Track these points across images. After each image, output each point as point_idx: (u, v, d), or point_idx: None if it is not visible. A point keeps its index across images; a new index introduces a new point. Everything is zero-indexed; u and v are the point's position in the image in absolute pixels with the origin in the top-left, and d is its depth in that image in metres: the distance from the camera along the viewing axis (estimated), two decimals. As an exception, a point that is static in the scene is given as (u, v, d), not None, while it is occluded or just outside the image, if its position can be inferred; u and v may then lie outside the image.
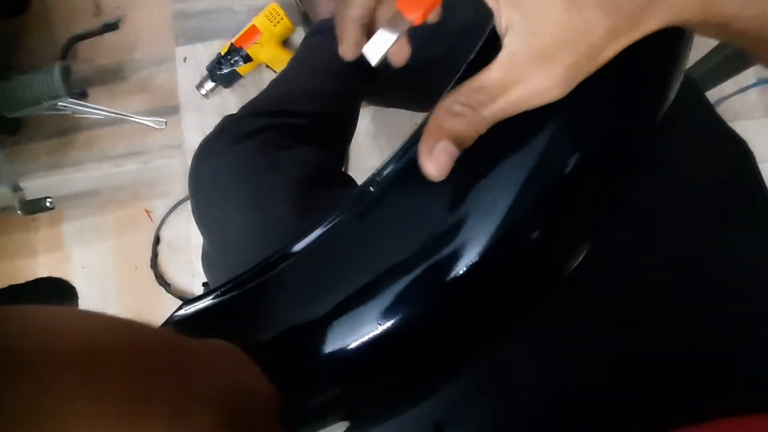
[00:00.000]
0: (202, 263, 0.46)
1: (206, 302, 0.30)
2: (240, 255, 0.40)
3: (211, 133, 0.47)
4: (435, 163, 0.22)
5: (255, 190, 0.40)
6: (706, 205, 0.33)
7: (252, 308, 0.30)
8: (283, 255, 0.30)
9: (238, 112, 0.50)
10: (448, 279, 0.27)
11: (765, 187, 0.35)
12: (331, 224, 0.30)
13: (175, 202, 1.03)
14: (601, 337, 0.31)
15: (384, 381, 0.30)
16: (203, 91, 1.03)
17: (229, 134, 0.44)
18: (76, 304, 1.01)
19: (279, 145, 0.42)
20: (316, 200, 0.38)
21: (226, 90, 1.05)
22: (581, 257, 0.29)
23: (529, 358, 0.31)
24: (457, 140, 0.22)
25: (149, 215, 1.04)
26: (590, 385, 0.30)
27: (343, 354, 0.27)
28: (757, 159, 0.36)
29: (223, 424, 0.18)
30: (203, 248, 0.46)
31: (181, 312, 0.30)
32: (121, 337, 0.17)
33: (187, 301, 0.30)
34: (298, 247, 0.30)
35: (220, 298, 0.30)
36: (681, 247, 0.32)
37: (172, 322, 0.29)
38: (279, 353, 0.28)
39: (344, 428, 0.30)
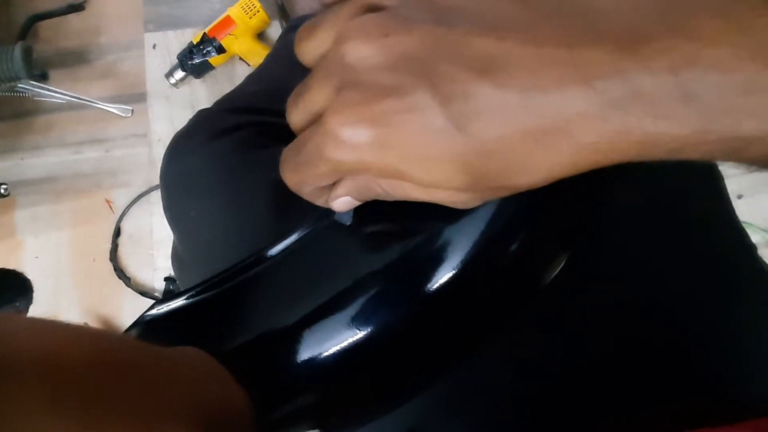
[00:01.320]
0: (172, 262, 0.45)
1: (179, 302, 0.29)
2: (214, 256, 0.39)
3: (184, 127, 0.46)
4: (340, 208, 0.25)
5: (232, 190, 0.39)
6: (676, 218, 0.34)
7: (225, 311, 0.29)
8: (258, 258, 0.30)
9: (212, 107, 0.49)
10: (424, 290, 0.27)
11: (729, 202, 0.36)
12: (309, 229, 0.29)
13: (138, 193, 1.00)
14: (576, 347, 0.31)
15: (357, 390, 0.30)
16: (172, 81, 1.00)
17: (204, 130, 0.43)
18: (32, 298, 0.96)
19: (256, 144, 0.41)
20: (295, 203, 0.37)
21: (197, 80, 1.02)
22: (558, 268, 0.29)
23: (505, 367, 0.32)
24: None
25: (110, 206, 1.00)
26: (566, 395, 0.30)
27: (316, 362, 0.27)
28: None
29: None
30: (173, 246, 0.45)
31: (153, 311, 0.29)
32: (86, 349, 0.16)
33: (160, 300, 0.30)
34: (274, 251, 0.30)
35: (194, 299, 0.29)
36: (652, 258, 0.33)
37: (143, 322, 0.28)
38: (250, 359, 0.28)
39: None
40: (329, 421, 0.30)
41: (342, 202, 0.24)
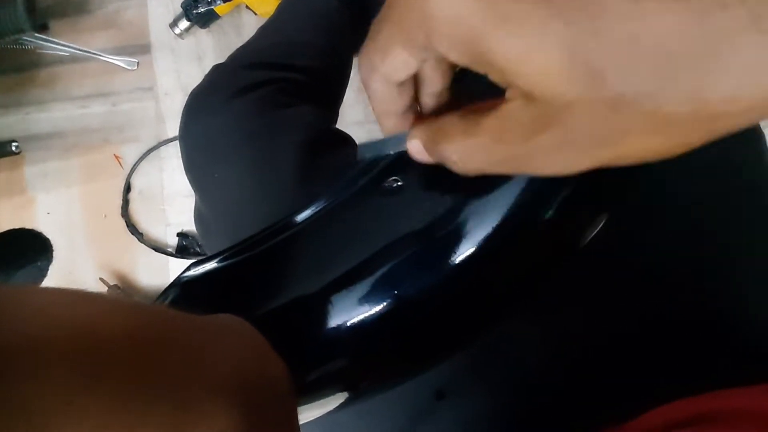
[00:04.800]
0: (195, 222, 0.45)
1: (213, 264, 0.29)
2: (241, 219, 0.38)
3: (201, 84, 0.44)
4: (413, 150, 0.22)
5: (257, 151, 0.38)
6: (717, 183, 0.33)
7: (257, 275, 0.29)
8: (287, 224, 0.29)
9: (228, 62, 0.47)
10: (455, 256, 0.27)
11: None
12: (337, 194, 0.29)
13: (147, 148, 0.99)
14: (609, 316, 0.31)
15: (388, 355, 0.30)
16: (177, 31, 0.96)
17: (222, 88, 0.42)
18: (52, 257, 0.97)
19: (278, 102, 0.40)
20: (320, 164, 0.37)
21: (202, 30, 0.99)
22: (596, 231, 0.29)
23: (535, 334, 0.32)
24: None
25: (119, 161, 0.99)
26: (597, 364, 0.30)
27: (347, 326, 0.27)
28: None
29: (235, 409, 0.17)
30: (196, 207, 0.45)
31: (190, 273, 0.29)
32: (123, 323, 0.16)
33: (196, 261, 0.29)
34: (303, 216, 0.29)
35: (226, 262, 0.29)
36: (691, 222, 0.32)
37: (180, 283, 0.28)
38: (282, 324, 0.28)
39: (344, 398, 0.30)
40: (359, 385, 0.30)
41: (414, 146, 0.22)
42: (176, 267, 0.98)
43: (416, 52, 0.17)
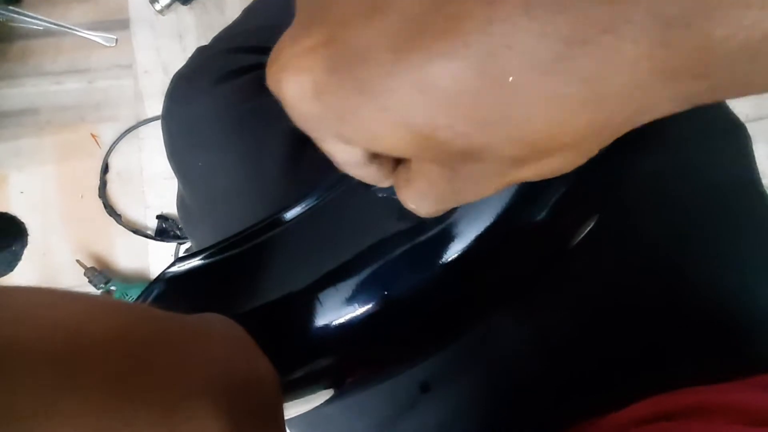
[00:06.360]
0: (178, 210, 0.44)
1: (198, 261, 0.29)
2: (225, 210, 0.37)
3: (185, 67, 0.43)
4: None
5: (242, 141, 0.37)
6: (702, 182, 0.33)
7: (243, 272, 0.29)
8: (275, 221, 0.29)
9: (213, 45, 0.46)
10: (443, 255, 0.27)
11: (755, 165, 0.36)
12: (326, 193, 0.29)
13: (126, 127, 0.96)
14: (594, 313, 0.32)
15: (375, 353, 0.30)
16: (158, 7, 0.94)
17: (208, 71, 0.40)
18: (27, 241, 0.94)
19: (265, 88, 0.39)
20: (310, 153, 0.36)
21: (184, 7, 0.96)
22: (586, 230, 0.29)
23: (519, 330, 0.32)
24: None
25: (96, 140, 0.97)
26: (574, 360, 0.31)
27: (333, 324, 0.27)
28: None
29: (223, 410, 0.16)
30: (178, 193, 0.43)
31: (174, 268, 0.28)
32: (105, 324, 0.15)
33: (181, 257, 0.29)
34: (291, 214, 0.29)
35: (212, 259, 0.29)
36: (678, 223, 0.32)
37: (165, 279, 0.28)
38: (268, 321, 0.27)
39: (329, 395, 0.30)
40: (344, 382, 0.30)
41: None
42: (155, 250, 0.96)
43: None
